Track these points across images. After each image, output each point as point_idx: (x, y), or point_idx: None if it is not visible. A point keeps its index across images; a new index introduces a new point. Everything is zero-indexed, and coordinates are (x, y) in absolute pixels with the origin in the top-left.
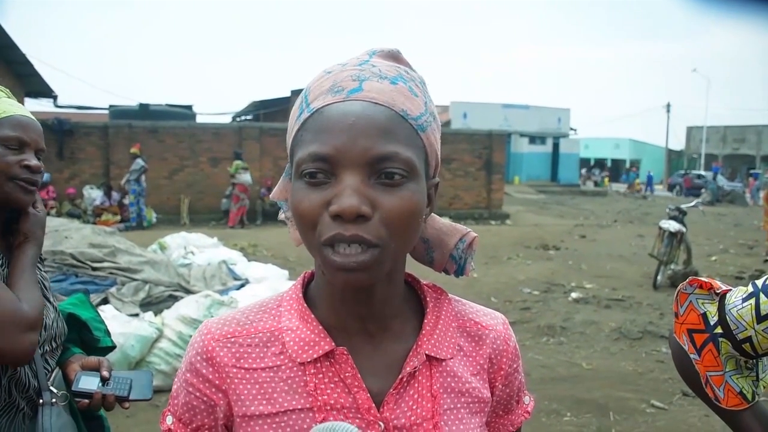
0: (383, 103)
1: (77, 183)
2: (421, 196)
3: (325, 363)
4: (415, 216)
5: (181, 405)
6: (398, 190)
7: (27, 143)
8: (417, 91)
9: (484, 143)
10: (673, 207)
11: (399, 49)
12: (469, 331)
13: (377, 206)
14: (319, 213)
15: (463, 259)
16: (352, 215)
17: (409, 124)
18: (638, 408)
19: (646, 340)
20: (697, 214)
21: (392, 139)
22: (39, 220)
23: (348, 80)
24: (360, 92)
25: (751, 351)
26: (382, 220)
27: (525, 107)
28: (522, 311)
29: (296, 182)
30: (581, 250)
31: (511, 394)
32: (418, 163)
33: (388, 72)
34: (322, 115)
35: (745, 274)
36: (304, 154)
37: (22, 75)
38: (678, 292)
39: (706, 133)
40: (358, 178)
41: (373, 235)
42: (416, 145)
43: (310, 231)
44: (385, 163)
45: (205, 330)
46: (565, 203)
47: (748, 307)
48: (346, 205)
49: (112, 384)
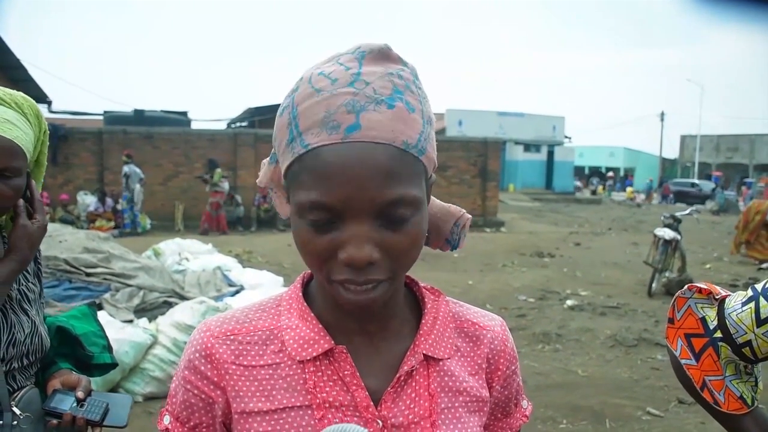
0: (384, 141)
1: (71, 189)
2: (424, 223)
3: (324, 361)
4: (420, 244)
5: (179, 403)
6: (404, 227)
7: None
8: (413, 101)
9: (480, 151)
10: (668, 215)
11: (388, 45)
12: (466, 332)
13: (385, 247)
14: (328, 256)
15: (456, 239)
16: (364, 265)
17: (411, 155)
18: (634, 415)
19: (642, 347)
20: (692, 222)
21: (397, 181)
22: (28, 233)
23: (343, 112)
24: (358, 131)
25: (750, 355)
26: (390, 258)
27: (520, 115)
28: (517, 318)
29: (298, 221)
30: (576, 258)
31: (509, 396)
32: (421, 194)
33: (383, 90)
34: (319, 158)
35: (740, 281)
36: (304, 201)
37: (16, 80)
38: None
39: (700, 141)
40: (366, 226)
41: (383, 275)
42: (418, 173)
43: (318, 270)
44: (392, 208)
45: (205, 328)
46: (560, 211)
47: (747, 311)
48: (357, 256)
49: (86, 406)
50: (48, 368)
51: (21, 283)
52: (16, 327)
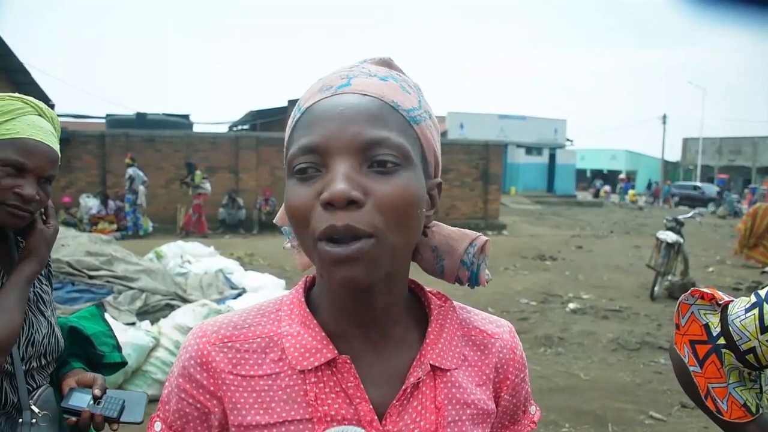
0: (372, 95)
1: (73, 191)
2: (417, 184)
3: (327, 371)
4: (412, 205)
5: (173, 411)
6: (392, 178)
7: (28, 169)
8: (409, 89)
9: (481, 154)
10: (671, 218)
11: (391, 57)
12: (474, 340)
13: (370, 193)
14: (311, 206)
15: (475, 265)
16: (343, 201)
17: (400, 114)
18: (637, 419)
19: (644, 351)
20: (694, 225)
21: (383, 125)
22: (45, 237)
23: (337, 78)
24: (348, 87)
25: (754, 362)
26: (375, 207)
27: (522, 118)
28: (519, 322)
29: (289, 181)
30: (578, 261)
31: (518, 404)
32: (412, 151)
33: (378, 72)
34: (311, 112)
35: (743, 285)
36: (294, 149)
37: (18, 83)
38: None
39: (702, 144)
40: (348, 165)
41: (367, 224)
42: (409, 135)
43: (303, 229)
44: (376, 149)
45: (200, 332)
46: (562, 214)
47: (751, 318)
48: (336, 190)
49: (103, 403)
50: (61, 368)
51: (36, 285)
52: (34, 327)
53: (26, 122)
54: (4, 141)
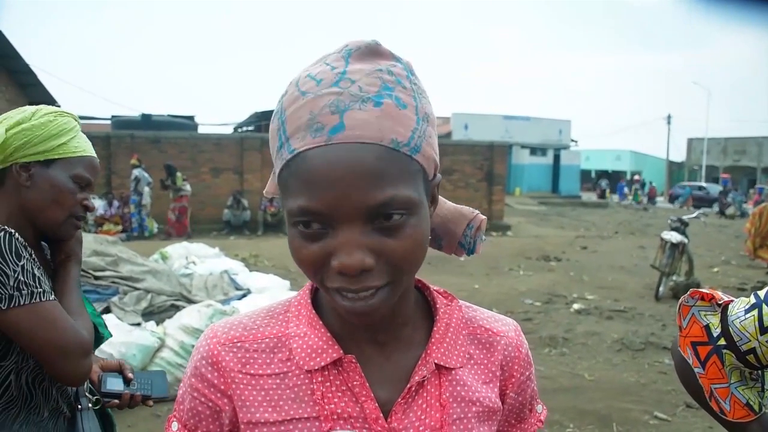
0: (370, 141)
1: None
2: (424, 225)
3: (333, 371)
4: (421, 248)
5: (186, 410)
6: (400, 231)
7: (91, 184)
8: (405, 98)
9: (485, 155)
10: (675, 218)
11: (377, 40)
12: (479, 338)
13: (380, 253)
14: (321, 264)
15: (472, 243)
16: (356, 272)
17: (401, 153)
18: (641, 419)
19: (649, 351)
20: (699, 225)
21: (386, 182)
22: (78, 239)
23: (327, 114)
24: (342, 132)
25: (755, 362)
26: (387, 264)
27: (526, 119)
28: (524, 322)
29: (291, 229)
30: (583, 262)
31: (524, 402)
32: (416, 194)
33: (369, 88)
34: (304, 163)
35: (748, 285)
36: (293, 207)
37: (24, 84)
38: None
39: (707, 144)
40: (356, 230)
41: (381, 281)
42: (412, 173)
43: (312, 277)
44: (381, 209)
45: (211, 334)
46: (566, 215)
47: (751, 319)
48: (348, 263)
49: (136, 384)
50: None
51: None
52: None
53: (83, 138)
54: (74, 158)
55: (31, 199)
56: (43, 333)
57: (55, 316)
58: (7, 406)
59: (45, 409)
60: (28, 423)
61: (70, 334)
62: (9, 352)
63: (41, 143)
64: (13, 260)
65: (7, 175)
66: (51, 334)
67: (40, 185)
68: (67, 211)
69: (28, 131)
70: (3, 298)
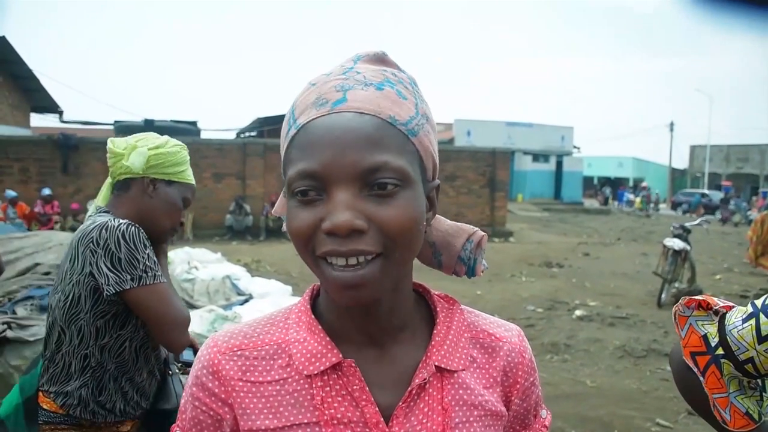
0: (369, 112)
1: (81, 198)
2: (418, 202)
3: (333, 375)
4: (415, 223)
5: (189, 420)
6: (393, 200)
7: (189, 206)
8: (406, 93)
9: (488, 161)
10: (678, 225)
11: (385, 51)
12: (482, 343)
13: (372, 219)
14: (313, 230)
15: (472, 259)
16: (346, 231)
17: (398, 130)
18: (643, 426)
19: (651, 358)
20: (701, 232)
21: (381, 148)
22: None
23: (332, 91)
24: (344, 103)
25: (753, 371)
26: (379, 232)
27: (528, 125)
28: (526, 329)
29: (289, 201)
30: (585, 268)
31: (528, 408)
32: (411, 169)
33: (373, 78)
34: (308, 131)
35: (750, 292)
36: (293, 173)
37: (28, 90)
38: (675, 315)
39: (710, 152)
40: (349, 193)
41: (372, 246)
42: (408, 151)
43: (304, 248)
44: (376, 174)
45: (212, 343)
46: (569, 221)
47: (748, 328)
48: (339, 221)
49: None
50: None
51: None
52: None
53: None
54: (186, 184)
55: (150, 207)
56: (162, 308)
57: (170, 294)
58: (119, 366)
59: (145, 371)
60: (132, 381)
61: (179, 310)
62: (126, 323)
63: (170, 167)
64: (142, 248)
65: (135, 184)
66: (166, 309)
67: (161, 198)
68: (172, 222)
69: (164, 155)
70: (135, 277)
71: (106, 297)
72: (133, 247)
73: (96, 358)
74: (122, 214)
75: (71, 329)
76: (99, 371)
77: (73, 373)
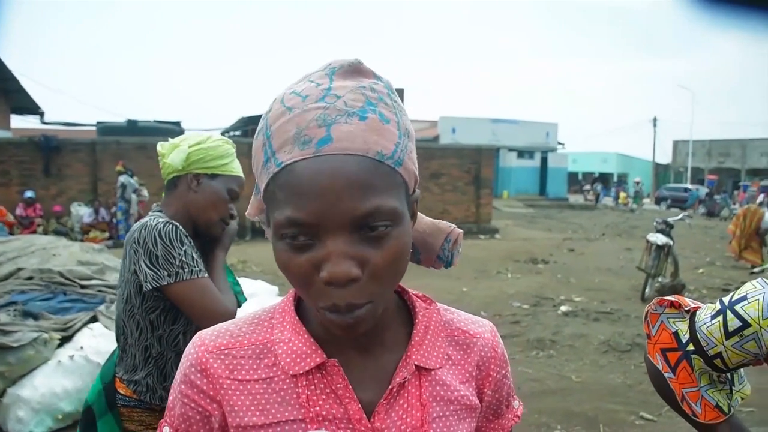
0: (357, 152)
1: (64, 200)
2: (407, 235)
3: (317, 375)
4: (403, 260)
5: (177, 416)
6: (384, 242)
7: (238, 198)
8: (387, 113)
9: (473, 158)
10: (660, 220)
11: (359, 59)
12: (457, 340)
13: (365, 263)
14: (310, 275)
15: (450, 256)
16: (345, 282)
17: (386, 165)
18: (627, 420)
19: (635, 352)
20: (684, 227)
21: (372, 192)
22: (229, 232)
23: (313, 126)
24: (330, 144)
25: (722, 366)
26: (371, 276)
27: (513, 122)
28: (511, 325)
29: (278, 242)
30: (570, 264)
31: (501, 399)
32: (400, 205)
33: (354, 103)
34: (292, 174)
35: (732, 286)
36: (280, 218)
37: (8, 91)
38: (647, 313)
39: (692, 147)
40: (342, 240)
41: (365, 297)
42: (396, 184)
43: (302, 289)
44: (368, 219)
45: (199, 342)
46: (554, 217)
47: (716, 324)
48: (338, 273)
49: None
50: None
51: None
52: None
53: (237, 162)
54: (231, 176)
55: (195, 202)
56: (200, 301)
57: (208, 289)
58: (179, 354)
59: None
60: None
61: (219, 304)
62: (178, 318)
63: (212, 161)
64: (178, 245)
65: (181, 181)
66: (205, 303)
67: (205, 192)
68: (219, 215)
69: (204, 150)
70: (171, 273)
71: (148, 293)
72: (169, 244)
73: (156, 348)
74: (172, 210)
75: (130, 324)
76: (161, 361)
77: (138, 363)
